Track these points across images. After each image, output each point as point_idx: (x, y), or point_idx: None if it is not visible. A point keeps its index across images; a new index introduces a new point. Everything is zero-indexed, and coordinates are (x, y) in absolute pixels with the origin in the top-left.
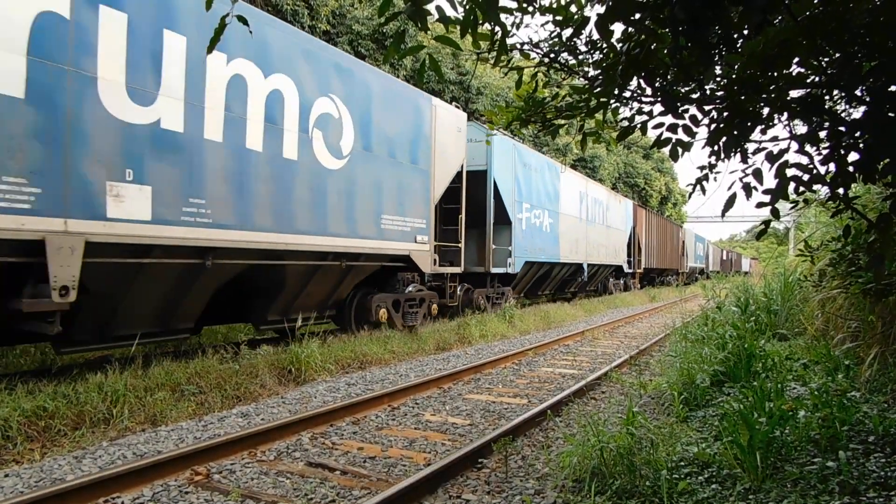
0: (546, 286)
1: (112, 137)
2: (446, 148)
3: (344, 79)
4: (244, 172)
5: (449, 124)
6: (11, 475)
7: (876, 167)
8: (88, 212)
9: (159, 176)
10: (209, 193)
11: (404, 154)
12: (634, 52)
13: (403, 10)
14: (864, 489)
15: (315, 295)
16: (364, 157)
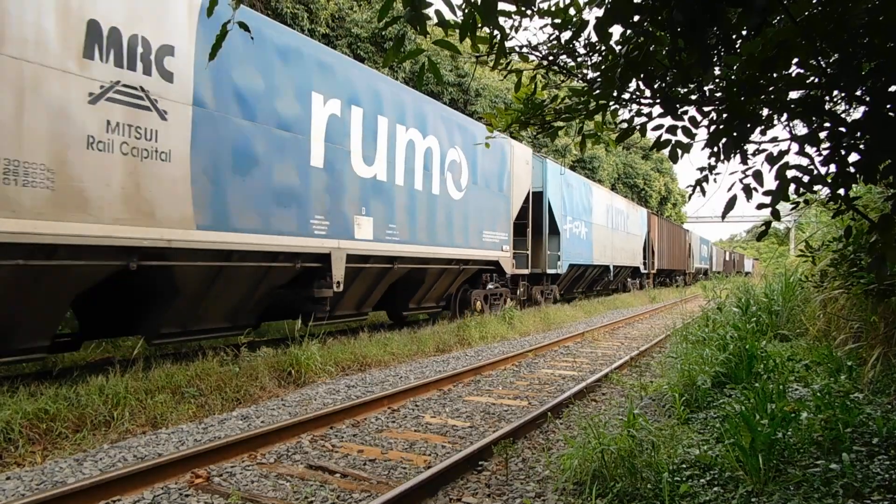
0: (580, 284)
1: (356, 187)
2: (520, 177)
3: (462, 133)
4: (413, 205)
5: (520, 158)
6: (13, 477)
7: (877, 167)
8: (347, 235)
9: (376, 210)
10: (397, 220)
11: (495, 184)
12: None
13: (402, 14)
14: (868, 492)
15: (438, 290)
16: (474, 189)
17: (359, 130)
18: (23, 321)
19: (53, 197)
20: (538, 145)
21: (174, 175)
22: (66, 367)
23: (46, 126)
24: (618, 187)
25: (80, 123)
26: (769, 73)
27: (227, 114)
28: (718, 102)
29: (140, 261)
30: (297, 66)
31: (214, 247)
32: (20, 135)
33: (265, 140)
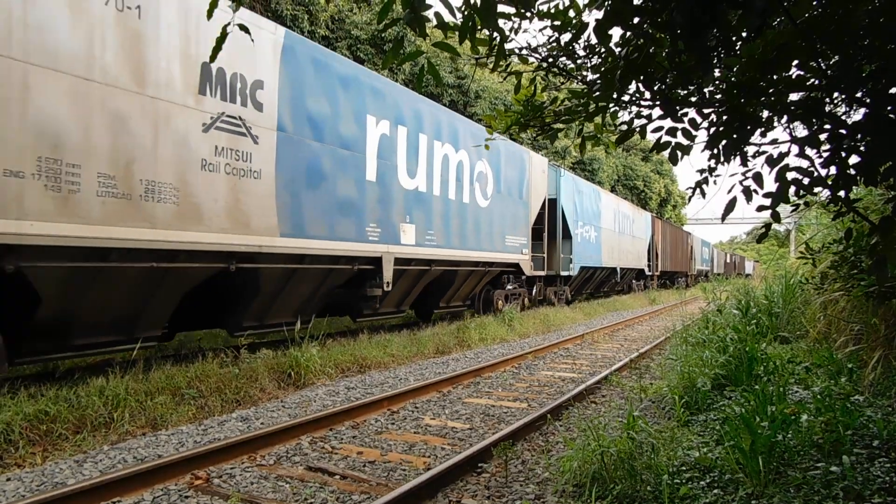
0: (589, 286)
1: (401, 198)
2: (537, 185)
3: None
4: (447, 213)
5: (537, 167)
6: (13, 479)
7: (877, 170)
8: (395, 240)
9: (417, 218)
10: (435, 226)
11: (516, 192)
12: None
13: (402, 16)
14: (868, 494)
15: (465, 290)
16: (498, 198)
17: (404, 147)
18: (145, 314)
19: (178, 211)
20: (538, 147)
21: (263, 191)
22: (66, 369)
23: (172, 152)
24: (617, 189)
25: (196, 149)
26: (769, 75)
27: (302, 137)
28: (718, 104)
29: (237, 263)
30: (355, 93)
31: (292, 251)
32: (155, 160)
33: (331, 158)
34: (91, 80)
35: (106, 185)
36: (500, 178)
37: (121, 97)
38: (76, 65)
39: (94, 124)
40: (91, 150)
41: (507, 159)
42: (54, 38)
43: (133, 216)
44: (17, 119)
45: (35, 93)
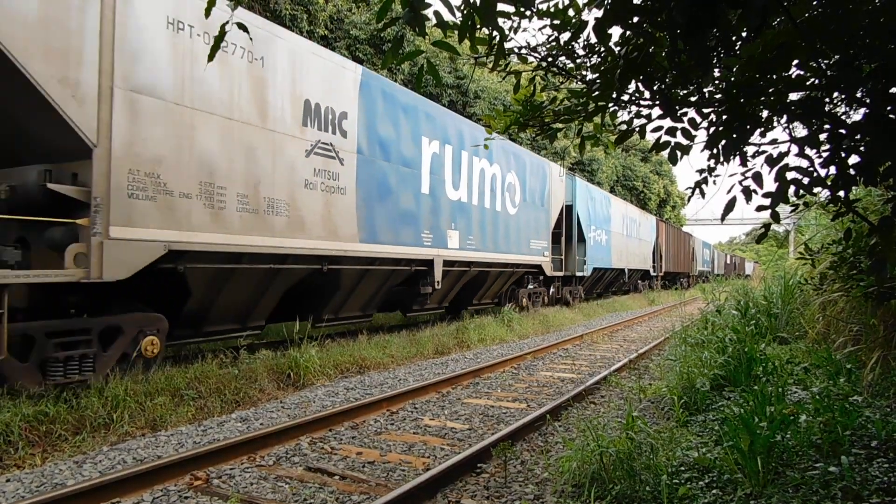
0: (600, 285)
1: (448, 208)
2: (556, 193)
3: (516, 160)
4: (483, 220)
5: (556, 176)
6: (13, 480)
7: (877, 170)
8: (443, 245)
9: (460, 225)
10: (473, 232)
11: (538, 200)
12: (632, 56)
13: (401, 15)
14: (867, 495)
15: (494, 289)
16: (524, 205)
17: (450, 163)
18: (257, 308)
19: (288, 222)
20: (537, 147)
21: (347, 204)
22: None
23: (285, 174)
24: (616, 190)
25: (300, 171)
26: (769, 75)
27: (374, 157)
28: (718, 104)
29: (328, 265)
30: (413, 118)
31: (367, 255)
32: (273, 181)
33: (395, 175)
34: (232, 119)
35: (242, 202)
36: (526, 187)
37: (251, 132)
38: (223, 107)
39: (235, 154)
40: (232, 174)
41: (531, 170)
42: (210, 88)
43: (259, 227)
44: (188, 152)
45: (198, 132)
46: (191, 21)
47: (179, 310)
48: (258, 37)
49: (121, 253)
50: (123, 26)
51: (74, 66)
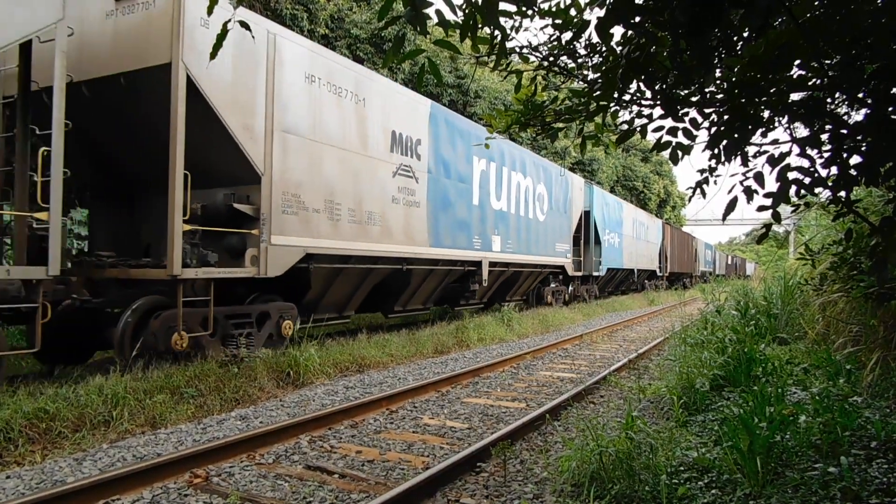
0: (611, 284)
1: (492, 216)
2: (576, 201)
3: (544, 172)
4: (519, 226)
5: (577, 186)
6: (13, 477)
7: (878, 170)
8: (489, 248)
9: (502, 231)
10: (511, 237)
11: (562, 208)
12: (634, 56)
13: (402, 14)
14: (866, 495)
15: (524, 287)
16: (550, 213)
17: (494, 178)
18: (352, 300)
19: (381, 231)
20: (538, 147)
21: (420, 215)
22: (66, 368)
23: (378, 192)
24: (617, 190)
25: (389, 189)
26: (771, 75)
27: (440, 176)
28: (719, 104)
29: (406, 266)
30: (466, 140)
31: (433, 257)
32: (371, 198)
33: (454, 189)
34: (345, 149)
35: (351, 215)
36: (552, 197)
37: (356, 158)
38: (339, 140)
39: (346, 177)
40: (345, 193)
41: (556, 181)
42: (330, 125)
43: (362, 235)
44: (318, 177)
45: (324, 160)
46: (319, 74)
47: (300, 301)
48: (360, 81)
49: (278, 255)
50: (280, 83)
51: (251, 115)
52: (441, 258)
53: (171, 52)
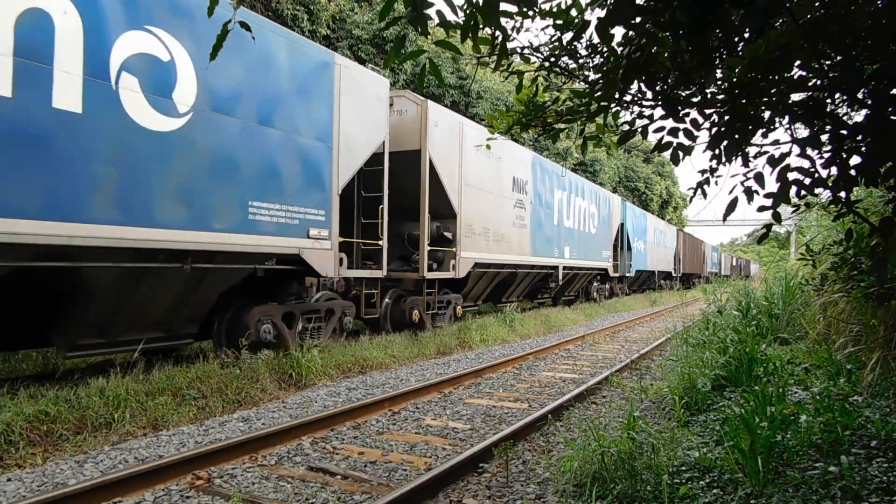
0: (636, 283)
1: (564, 232)
2: (616, 215)
3: (594, 195)
4: (579, 238)
5: (616, 204)
6: (14, 479)
7: (878, 170)
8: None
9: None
10: (574, 246)
11: (605, 221)
12: (635, 56)
13: (404, 15)
14: (866, 494)
15: (578, 285)
16: (599, 227)
17: (566, 204)
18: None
19: (506, 246)
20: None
21: (526, 234)
22: (67, 370)
23: (505, 220)
24: (619, 191)
25: (510, 217)
26: (771, 76)
27: (537, 205)
28: (720, 104)
29: (517, 270)
30: (551, 177)
31: (532, 263)
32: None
33: (544, 214)
34: (491, 192)
35: (494, 237)
36: (600, 214)
37: (496, 198)
38: (488, 185)
39: (491, 211)
40: (490, 221)
41: (603, 200)
42: (484, 178)
43: (497, 249)
44: (479, 212)
45: (481, 201)
46: (478, 142)
47: (462, 292)
48: (497, 145)
49: (463, 264)
50: (464, 153)
51: (453, 176)
52: (536, 264)
53: (420, 142)
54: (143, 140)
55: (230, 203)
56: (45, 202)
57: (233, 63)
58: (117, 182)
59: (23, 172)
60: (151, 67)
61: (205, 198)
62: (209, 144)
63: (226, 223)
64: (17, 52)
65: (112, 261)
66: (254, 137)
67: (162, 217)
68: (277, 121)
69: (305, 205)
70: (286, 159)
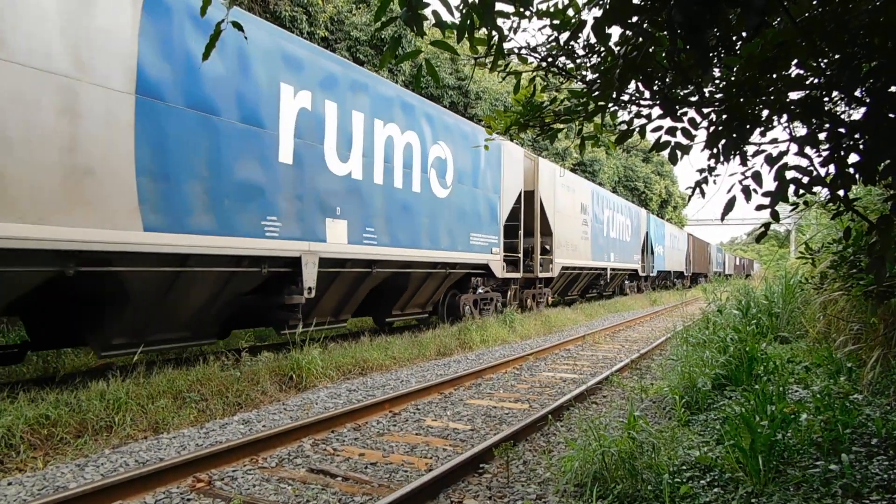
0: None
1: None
2: (643, 226)
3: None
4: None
5: (642, 215)
6: (15, 483)
7: (876, 168)
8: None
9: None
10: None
11: (636, 231)
12: (632, 56)
13: (399, 15)
14: (867, 492)
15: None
16: (632, 236)
17: (610, 218)
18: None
19: (579, 254)
20: (539, 149)
21: (587, 244)
22: (67, 374)
23: (577, 234)
24: (618, 190)
25: (579, 231)
26: (769, 74)
27: (595, 222)
28: (718, 104)
29: (583, 271)
30: (602, 199)
31: (592, 266)
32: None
33: (599, 228)
34: (570, 216)
35: (568, 247)
36: (632, 226)
37: (570, 219)
38: (566, 210)
39: (569, 228)
40: (568, 236)
41: (633, 215)
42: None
43: (572, 256)
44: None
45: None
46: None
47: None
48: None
49: (557, 267)
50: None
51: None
52: (594, 267)
53: (533, 185)
54: (436, 202)
55: (464, 234)
56: (403, 236)
57: (467, 155)
58: (430, 225)
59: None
60: (439, 163)
61: (454, 232)
62: (457, 202)
63: (462, 246)
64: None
65: (417, 268)
66: (473, 196)
67: (442, 244)
68: (479, 183)
69: (489, 233)
70: (483, 206)
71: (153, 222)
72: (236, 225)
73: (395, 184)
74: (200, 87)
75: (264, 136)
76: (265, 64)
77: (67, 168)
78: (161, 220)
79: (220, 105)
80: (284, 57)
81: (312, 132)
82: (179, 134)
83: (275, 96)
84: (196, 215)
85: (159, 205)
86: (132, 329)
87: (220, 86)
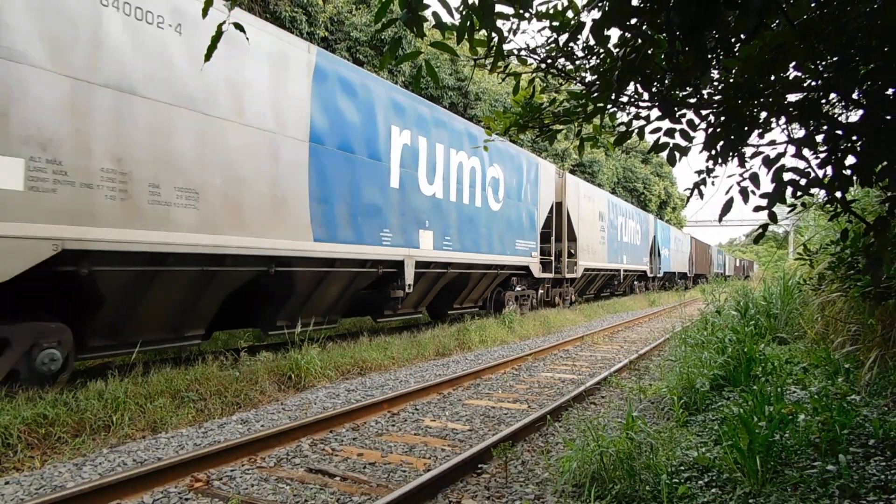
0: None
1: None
2: (651, 231)
3: (640, 216)
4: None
5: (651, 221)
6: (12, 482)
7: (873, 170)
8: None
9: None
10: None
11: (645, 236)
12: (631, 57)
13: (399, 16)
14: (864, 493)
15: (627, 283)
16: (642, 240)
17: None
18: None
19: (596, 256)
20: (538, 150)
21: (605, 248)
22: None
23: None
24: (618, 191)
25: (597, 237)
26: (767, 76)
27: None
28: (716, 105)
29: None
30: (616, 207)
31: (609, 267)
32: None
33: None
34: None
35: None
36: (641, 231)
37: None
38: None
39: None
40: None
41: (642, 220)
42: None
43: (591, 259)
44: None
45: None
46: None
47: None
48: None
49: (579, 268)
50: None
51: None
52: (610, 268)
53: (561, 197)
54: (491, 214)
55: (511, 241)
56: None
57: (513, 174)
58: (487, 234)
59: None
60: (494, 182)
61: (505, 239)
62: (506, 214)
63: (510, 251)
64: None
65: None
66: (518, 208)
67: (496, 249)
68: (522, 197)
69: (529, 239)
70: (524, 216)
71: (319, 234)
72: (364, 236)
73: (464, 200)
74: (345, 132)
75: (381, 168)
76: (382, 112)
77: (272, 198)
78: (323, 233)
79: (356, 145)
80: (394, 104)
81: (411, 162)
82: (333, 169)
83: (388, 136)
84: (342, 229)
85: (321, 221)
86: (291, 315)
87: (356, 131)
